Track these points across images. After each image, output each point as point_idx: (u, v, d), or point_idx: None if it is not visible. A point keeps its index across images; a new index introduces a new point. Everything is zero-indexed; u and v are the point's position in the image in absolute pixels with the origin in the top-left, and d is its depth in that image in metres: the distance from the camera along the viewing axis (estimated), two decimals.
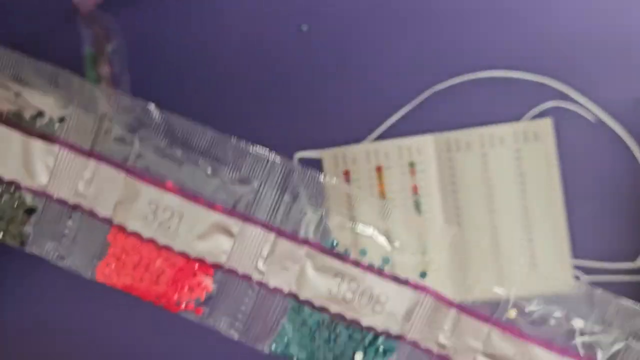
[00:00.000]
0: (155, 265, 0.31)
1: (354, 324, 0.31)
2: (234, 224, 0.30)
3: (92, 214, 0.31)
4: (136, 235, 0.30)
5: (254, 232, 0.30)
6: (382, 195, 0.53)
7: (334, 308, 0.31)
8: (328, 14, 0.53)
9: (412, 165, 0.54)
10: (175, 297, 0.31)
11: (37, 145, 0.31)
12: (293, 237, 0.30)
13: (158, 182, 0.30)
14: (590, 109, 0.52)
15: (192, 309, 0.32)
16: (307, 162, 0.52)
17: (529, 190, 0.54)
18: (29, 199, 0.32)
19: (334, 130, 0.52)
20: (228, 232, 0.30)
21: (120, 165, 0.31)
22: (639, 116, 0.52)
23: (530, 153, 0.54)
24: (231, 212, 0.31)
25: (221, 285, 0.32)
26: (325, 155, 0.53)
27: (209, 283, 0.31)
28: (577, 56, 0.53)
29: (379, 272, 0.32)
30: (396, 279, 0.31)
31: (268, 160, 0.31)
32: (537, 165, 0.54)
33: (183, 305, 0.31)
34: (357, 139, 0.53)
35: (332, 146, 0.52)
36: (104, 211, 0.30)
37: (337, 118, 0.52)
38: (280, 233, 0.30)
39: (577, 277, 0.53)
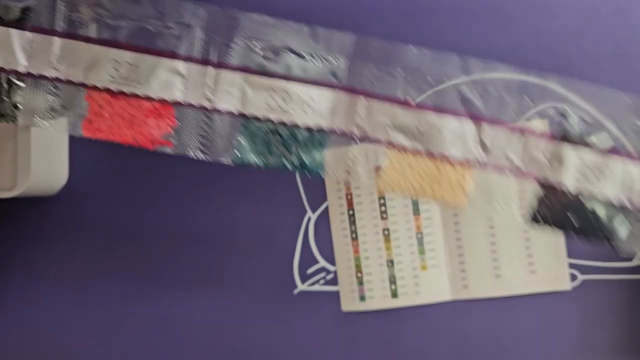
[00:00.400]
0: (127, 112, 0.37)
1: (293, 126, 0.37)
2: (182, 66, 0.37)
3: (68, 82, 0.37)
4: (107, 90, 0.36)
5: (199, 69, 0.37)
6: (381, 194, 0.57)
7: (275, 117, 0.37)
8: (328, 16, 0.56)
9: None
10: (149, 135, 0.37)
11: (14, 34, 0.38)
12: (229, 66, 0.37)
13: (114, 44, 0.37)
14: (587, 110, 0.55)
15: (164, 144, 0.38)
16: None
17: None
18: (15, 80, 0.39)
19: None
20: (179, 73, 0.37)
21: (81, 37, 0.37)
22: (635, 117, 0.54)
23: None
24: (178, 56, 0.37)
25: (183, 119, 0.38)
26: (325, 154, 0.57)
27: (173, 119, 0.37)
28: (576, 57, 0.55)
29: (302, 81, 0.37)
30: (316, 83, 0.37)
31: (205, 11, 0.37)
32: None
33: (157, 147, 0.37)
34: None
35: None
36: (77, 78, 0.37)
37: None
38: (220, 65, 0.36)
39: (573, 276, 0.54)
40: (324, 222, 0.58)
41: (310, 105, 0.35)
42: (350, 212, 0.57)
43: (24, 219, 0.61)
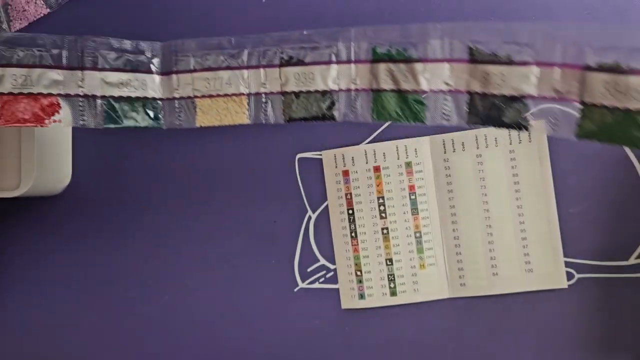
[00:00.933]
0: (28, 105, 0.50)
1: (140, 99, 0.52)
2: (58, 73, 0.50)
3: None
4: (10, 94, 0.50)
5: (70, 73, 0.51)
6: (380, 194, 0.58)
7: (125, 94, 0.51)
8: (328, 21, 0.59)
9: (408, 165, 0.58)
10: (44, 117, 0.51)
11: None
12: (89, 68, 0.51)
13: (12, 65, 0.50)
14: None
15: (56, 121, 0.50)
16: (307, 162, 0.59)
17: (523, 190, 0.55)
18: None
19: (334, 133, 0.58)
20: (57, 77, 0.50)
21: None
22: None
23: (523, 154, 0.55)
24: (55, 67, 0.50)
25: (66, 103, 0.50)
26: (325, 155, 0.58)
27: (59, 104, 0.50)
28: None
29: (138, 71, 0.52)
30: (146, 72, 0.52)
31: (71, 39, 0.51)
32: (531, 165, 0.55)
33: (50, 123, 0.51)
34: (356, 143, 0.58)
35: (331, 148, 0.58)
36: None
37: (337, 123, 0.56)
38: (83, 68, 0.51)
39: (570, 275, 0.54)
40: (324, 221, 0.59)
41: (146, 85, 0.52)
42: (350, 212, 0.58)
43: (28, 218, 0.62)
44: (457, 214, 0.56)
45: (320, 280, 0.57)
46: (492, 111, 0.45)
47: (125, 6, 0.61)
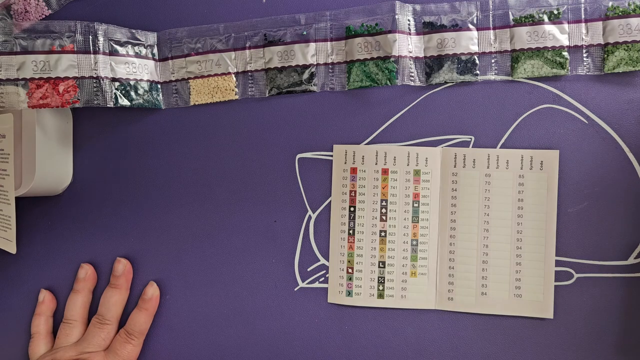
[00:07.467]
0: (48, 89, 0.55)
1: (143, 82, 0.60)
2: (73, 58, 0.56)
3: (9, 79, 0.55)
4: (32, 79, 0.55)
5: (85, 57, 0.56)
6: (385, 196, 0.57)
7: (132, 78, 0.59)
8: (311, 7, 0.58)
9: (417, 173, 0.57)
10: (63, 100, 0.55)
11: None
12: (101, 53, 0.57)
13: (28, 52, 0.55)
14: (582, 111, 0.53)
15: (74, 102, 0.55)
16: (307, 162, 0.58)
17: (525, 217, 0.54)
18: None
19: (334, 134, 0.57)
20: (73, 61, 0.56)
21: (9, 52, 0.55)
22: (628, 118, 0.52)
23: (532, 181, 0.54)
24: (71, 52, 0.55)
25: (81, 85, 0.55)
26: (337, 149, 0.58)
27: (75, 87, 0.55)
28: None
29: (139, 57, 0.60)
30: (146, 58, 0.61)
31: (81, 24, 0.56)
32: (538, 195, 0.54)
33: (70, 102, 0.55)
34: (356, 143, 0.58)
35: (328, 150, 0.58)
36: (17, 75, 0.55)
37: (336, 124, 0.57)
38: (95, 52, 0.57)
39: (569, 274, 0.54)
40: (324, 221, 0.59)
41: (148, 69, 0.60)
42: (352, 209, 0.58)
43: (29, 218, 0.63)
44: (456, 228, 0.56)
45: (320, 279, 0.58)
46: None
47: (124, 7, 0.60)
